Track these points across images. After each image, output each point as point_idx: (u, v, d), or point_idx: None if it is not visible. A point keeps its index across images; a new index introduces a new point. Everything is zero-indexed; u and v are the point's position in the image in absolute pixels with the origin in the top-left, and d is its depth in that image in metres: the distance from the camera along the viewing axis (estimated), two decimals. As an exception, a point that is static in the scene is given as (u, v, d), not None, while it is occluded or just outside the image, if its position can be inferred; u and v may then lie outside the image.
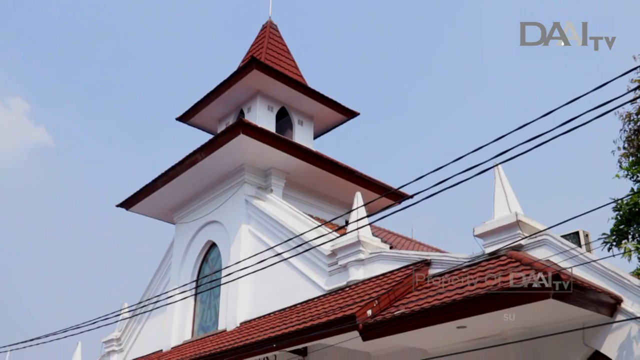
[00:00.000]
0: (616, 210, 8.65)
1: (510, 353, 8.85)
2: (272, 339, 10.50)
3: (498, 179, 9.93)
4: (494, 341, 8.87)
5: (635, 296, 7.97)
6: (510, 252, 8.90)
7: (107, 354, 19.31)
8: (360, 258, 11.79)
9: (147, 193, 17.69)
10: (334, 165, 16.67)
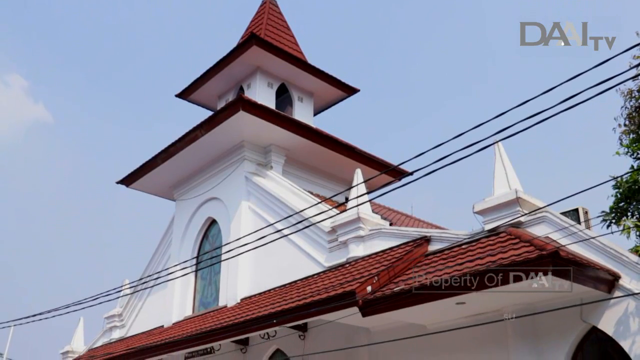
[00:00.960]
0: (616, 188, 8.65)
1: (508, 329, 8.92)
2: (272, 315, 10.58)
3: (498, 156, 9.92)
4: (493, 317, 8.94)
5: (633, 273, 8.02)
6: (509, 229, 8.92)
7: (109, 329, 19.48)
8: (360, 235, 11.83)
9: (147, 170, 17.69)
10: (334, 141, 16.65)
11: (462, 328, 8.99)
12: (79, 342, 20.51)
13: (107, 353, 16.10)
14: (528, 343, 8.74)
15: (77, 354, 19.94)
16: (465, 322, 9.22)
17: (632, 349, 7.73)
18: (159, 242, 18.85)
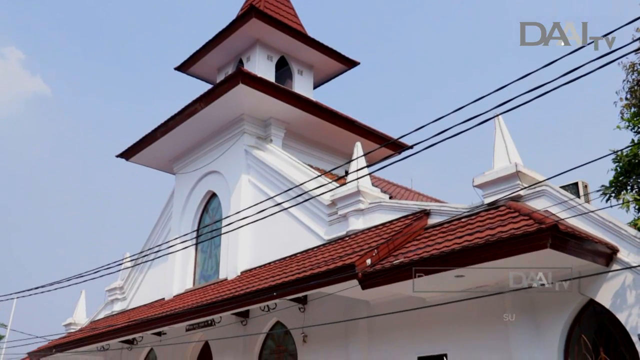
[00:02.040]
0: (616, 162, 8.64)
1: (507, 301, 8.99)
2: (272, 288, 10.65)
3: (498, 130, 9.90)
4: (492, 290, 9.00)
5: (631, 246, 8.06)
6: (509, 203, 8.94)
7: (110, 302, 19.63)
8: (359, 208, 11.85)
9: (147, 143, 17.66)
10: (333, 115, 16.59)
11: (462, 301, 9.06)
12: (81, 315, 20.71)
13: (109, 325, 16.24)
14: (526, 315, 8.82)
15: (79, 326, 20.13)
16: (464, 295, 9.28)
17: (628, 321, 7.81)
18: (159, 216, 18.91)
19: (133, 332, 14.91)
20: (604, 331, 8.56)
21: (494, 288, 9.06)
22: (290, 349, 12.80)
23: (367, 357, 10.99)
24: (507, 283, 8.90)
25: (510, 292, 8.74)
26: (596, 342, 8.38)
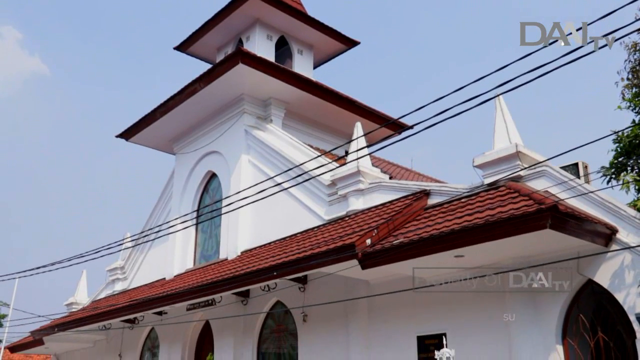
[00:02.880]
0: (616, 142, 8.60)
1: (506, 282, 9.03)
2: (272, 268, 10.70)
3: (499, 110, 9.88)
4: (491, 270, 9.03)
5: (630, 226, 8.08)
6: (509, 183, 8.95)
7: (111, 281, 19.73)
8: (359, 188, 11.86)
9: (147, 123, 17.62)
10: (334, 95, 16.53)
11: (460, 280, 9.10)
12: (82, 294, 20.85)
13: (111, 305, 16.35)
14: (525, 295, 8.86)
15: (80, 306, 20.26)
16: (464, 275, 9.32)
17: (626, 300, 7.86)
18: (159, 196, 18.93)
19: (134, 311, 15.01)
20: (602, 311, 8.61)
21: (494, 268, 9.09)
22: (291, 328, 12.89)
23: (366, 336, 11.07)
24: (507, 263, 8.96)
25: (510, 272, 8.78)
26: (594, 321, 8.45)
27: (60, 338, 18.40)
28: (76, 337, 18.44)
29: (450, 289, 9.39)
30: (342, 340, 11.38)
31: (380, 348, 10.82)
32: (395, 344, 10.56)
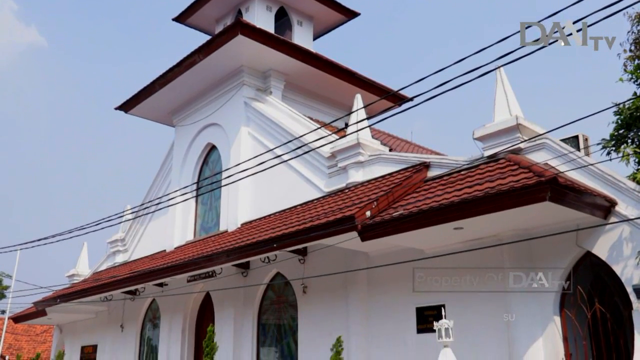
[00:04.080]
0: (617, 115, 8.57)
1: (505, 254, 9.08)
2: (272, 239, 10.74)
3: (499, 82, 9.82)
4: (490, 242, 9.08)
5: (629, 199, 8.09)
6: (509, 156, 8.94)
7: (112, 254, 19.84)
8: (359, 160, 11.86)
9: (146, 96, 17.54)
10: (333, 66, 16.42)
11: (460, 252, 9.15)
12: (83, 266, 20.98)
13: (112, 276, 16.45)
14: (524, 267, 8.92)
15: (82, 277, 20.40)
16: (463, 247, 9.37)
17: (623, 272, 7.91)
18: (159, 168, 18.93)
19: (135, 283, 15.12)
20: (600, 282, 8.68)
21: (493, 240, 9.14)
22: (291, 299, 13.00)
23: (366, 307, 11.17)
24: (506, 235, 9.00)
25: (509, 244, 8.82)
26: (591, 293, 8.51)
27: (63, 309, 18.56)
28: (78, 308, 18.61)
29: (449, 261, 9.44)
30: (341, 312, 11.48)
31: (380, 319, 10.92)
32: (395, 315, 10.65)
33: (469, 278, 9.64)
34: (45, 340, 31.93)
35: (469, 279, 9.64)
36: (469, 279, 9.65)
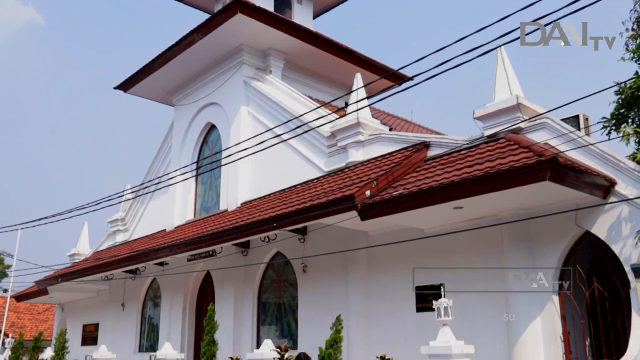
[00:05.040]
0: (618, 94, 8.53)
1: (504, 233, 9.11)
2: (272, 219, 10.76)
3: (500, 61, 9.76)
4: (489, 221, 9.09)
5: (629, 179, 8.09)
6: (509, 135, 8.92)
7: (112, 233, 19.90)
8: (359, 139, 11.84)
9: (145, 75, 17.45)
10: (333, 45, 16.32)
11: (459, 232, 9.17)
12: (84, 245, 21.08)
13: (113, 255, 16.53)
14: (523, 247, 8.95)
15: (83, 256, 20.50)
16: (462, 227, 9.39)
17: (622, 252, 7.94)
18: (159, 148, 18.91)
19: (136, 262, 15.19)
20: (598, 262, 8.71)
21: (492, 219, 9.16)
22: (290, 278, 13.06)
23: (365, 286, 11.23)
24: (505, 214, 9.01)
25: (508, 223, 8.84)
26: (590, 272, 8.55)
27: (64, 288, 18.68)
28: (79, 287, 18.72)
29: (449, 240, 9.48)
30: (341, 291, 11.55)
31: (379, 298, 10.98)
32: (394, 294, 10.71)
33: (468, 257, 9.68)
34: (48, 318, 32.17)
35: (469, 258, 9.68)
36: (468, 258, 9.69)
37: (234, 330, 13.77)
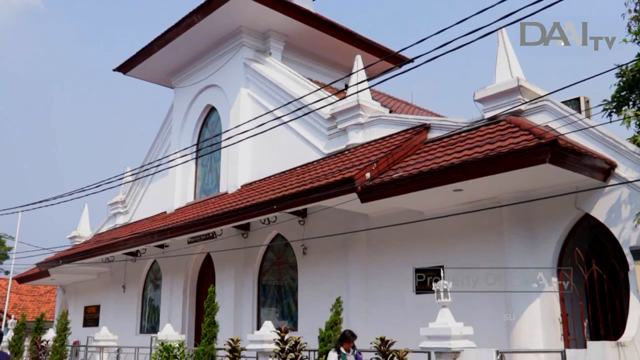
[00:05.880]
0: (619, 77, 8.48)
1: (504, 216, 9.12)
2: (272, 201, 10.78)
3: (501, 43, 9.71)
4: (489, 204, 9.10)
5: (629, 161, 8.09)
6: (509, 117, 8.90)
7: (113, 215, 19.93)
8: (359, 122, 11.82)
9: (144, 56, 17.36)
10: (334, 27, 16.22)
11: (459, 214, 9.19)
12: (85, 228, 21.11)
13: (113, 238, 16.57)
14: (522, 229, 8.97)
15: (83, 239, 20.55)
16: (462, 209, 9.40)
17: (621, 234, 7.96)
18: (159, 130, 18.87)
19: (136, 244, 15.24)
20: (597, 244, 8.74)
21: (492, 202, 9.17)
22: (291, 260, 13.11)
23: (365, 268, 11.27)
24: (505, 197, 9.02)
25: (508, 206, 8.85)
26: (589, 254, 8.57)
27: (65, 270, 18.75)
28: (80, 269, 18.78)
29: (448, 222, 9.50)
30: (341, 272, 11.60)
31: (379, 280, 11.03)
32: (394, 276, 10.75)
33: (468, 239, 9.71)
34: (49, 300, 32.34)
35: (468, 240, 9.71)
36: (467, 240, 9.72)
37: (235, 311, 13.85)
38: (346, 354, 7.85)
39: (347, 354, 7.85)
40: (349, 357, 7.86)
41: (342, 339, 8.01)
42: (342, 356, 7.84)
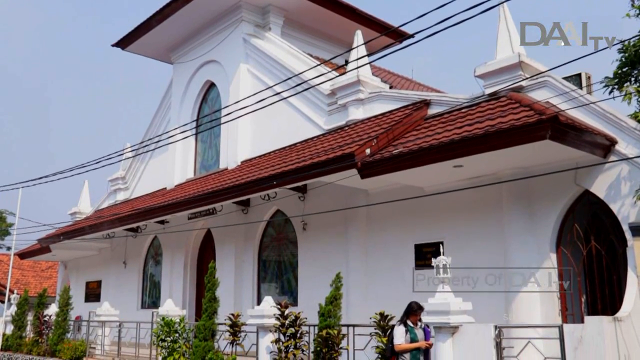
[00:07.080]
0: (621, 52, 8.41)
1: (503, 192, 9.14)
2: (272, 177, 10.79)
3: (502, 18, 9.63)
4: (489, 180, 9.11)
5: (629, 138, 8.08)
6: (510, 94, 8.87)
7: (113, 191, 19.96)
8: (359, 97, 11.77)
9: (143, 32, 17.23)
10: (333, 2, 16.06)
11: (459, 190, 9.20)
12: (85, 204, 21.16)
13: (113, 214, 16.61)
14: (522, 205, 8.99)
15: (84, 215, 20.60)
16: (462, 185, 9.41)
17: (620, 211, 7.98)
18: (158, 106, 18.80)
19: (137, 220, 15.28)
20: (596, 220, 8.76)
21: (492, 178, 9.17)
22: (291, 236, 13.16)
23: (365, 244, 11.32)
24: (505, 173, 9.03)
25: (508, 182, 8.86)
26: (588, 231, 8.61)
27: (66, 246, 18.83)
28: (81, 245, 18.87)
29: (448, 198, 9.51)
30: (341, 248, 11.65)
31: (378, 255, 11.08)
32: (393, 251, 10.81)
33: (468, 215, 9.74)
34: (51, 275, 32.51)
35: (468, 216, 9.74)
36: (467, 216, 9.75)
37: (235, 287, 13.95)
38: (414, 327, 7.25)
39: (414, 327, 7.26)
40: (418, 331, 7.27)
41: (408, 312, 7.33)
42: (409, 329, 7.22)
